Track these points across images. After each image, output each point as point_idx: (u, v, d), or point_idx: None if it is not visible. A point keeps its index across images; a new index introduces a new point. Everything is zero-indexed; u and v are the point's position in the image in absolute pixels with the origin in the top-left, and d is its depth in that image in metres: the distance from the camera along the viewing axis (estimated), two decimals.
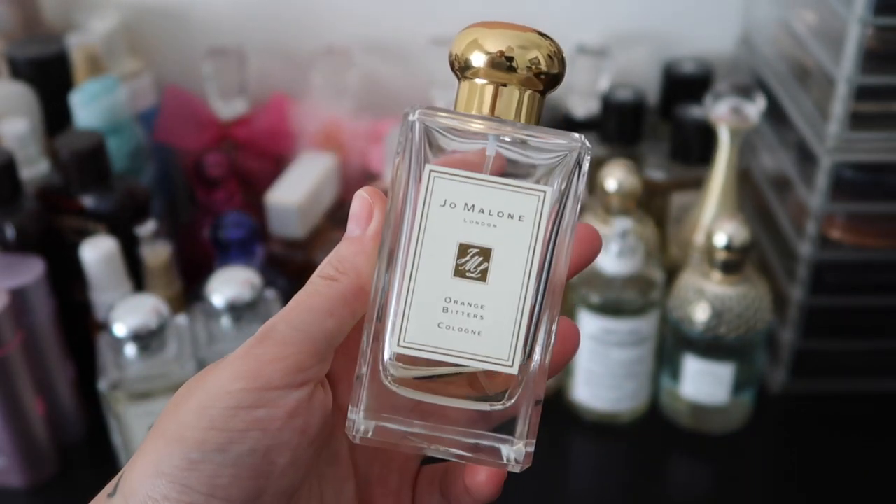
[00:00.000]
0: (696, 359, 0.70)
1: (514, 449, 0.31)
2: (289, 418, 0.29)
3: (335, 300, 0.30)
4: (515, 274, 0.30)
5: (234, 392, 0.28)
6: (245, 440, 0.28)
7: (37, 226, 0.69)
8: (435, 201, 0.29)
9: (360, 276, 0.30)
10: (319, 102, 0.84)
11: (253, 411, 0.28)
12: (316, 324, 0.30)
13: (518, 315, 0.30)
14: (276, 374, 0.28)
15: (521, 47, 0.30)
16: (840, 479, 0.70)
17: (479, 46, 0.30)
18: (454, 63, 0.31)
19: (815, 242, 0.71)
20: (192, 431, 0.28)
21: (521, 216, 0.30)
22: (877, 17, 0.63)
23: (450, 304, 0.30)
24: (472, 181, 0.29)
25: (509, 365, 0.30)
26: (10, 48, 0.80)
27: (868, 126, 0.67)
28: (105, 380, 0.61)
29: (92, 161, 0.70)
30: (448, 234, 0.29)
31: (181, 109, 0.83)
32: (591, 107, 0.85)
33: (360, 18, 0.89)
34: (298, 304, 0.30)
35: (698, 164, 0.79)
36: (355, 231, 0.31)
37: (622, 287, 0.69)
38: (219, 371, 0.29)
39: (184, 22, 0.89)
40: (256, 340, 0.29)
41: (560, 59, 0.30)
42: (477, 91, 0.30)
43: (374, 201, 0.31)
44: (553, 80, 0.30)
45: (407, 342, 0.30)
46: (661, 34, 0.89)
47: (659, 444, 0.73)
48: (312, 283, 0.31)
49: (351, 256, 0.31)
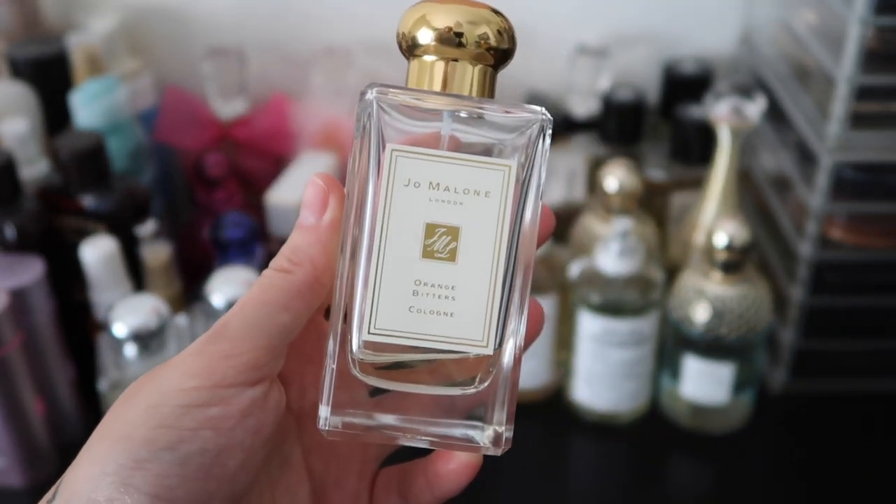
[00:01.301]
0: (696, 359, 0.70)
1: (485, 434, 0.30)
2: (242, 417, 0.28)
3: (290, 293, 0.29)
4: (485, 252, 0.29)
5: (186, 390, 0.27)
6: (196, 439, 0.27)
7: (37, 226, 0.69)
8: (398, 181, 0.28)
9: (316, 268, 0.29)
10: (319, 102, 0.84)
11: (205, 409, 0.27)
12: (270, 318, 0.28)
13: (490, 294, 0.29)
14: (229, 372, 0.27)
15: (470, 23, 0.29)
16: (840, 479, 0.70)
17: (426, 23, 0.29)
18: (402, 42, 0.30)
19: (815, 242, 0.71)
20: (141, 430, 0.26)
21: (487, 192, 0.29)
22: (877, 17, 0.63)
23: (419, 286, 0.29)
24: (435, 159, 0.28)
25: (484, 345, 0.29)
26: (10, 48, 0.80)
27: (868, 126, 0.67)
28: (105, 380, 0.61)
29: (92, 161, 0.70)
30: (414, 215, 0.28)
31: (181, 109, 0.83)
32: (591, 107, 0.85)
33: (360, 18, 0.89)
34: (252, 299, 0.29)
35: (698, 164, 0.79)
36: (310, 219, 0.30)
37: (622, 287, 0.69)
38: (170, 369, 0.28)
39: (184, 22, 0.89)
40: (209, 337, 0.28)
41: (510, 35, 0.30)
42: (427, 68, 0.30)
43: (330, 189, 0.30)
44: (503, 55, 0.30)
45: (377, 329, 0.29)
46: (661, 34, 0.89)
47: (659, 444, 0.73)
48: (266, 275, 0.30)
49: (306, 247, 0.29)
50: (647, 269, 0.70)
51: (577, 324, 0.70)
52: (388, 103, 0.29)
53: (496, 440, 0.30)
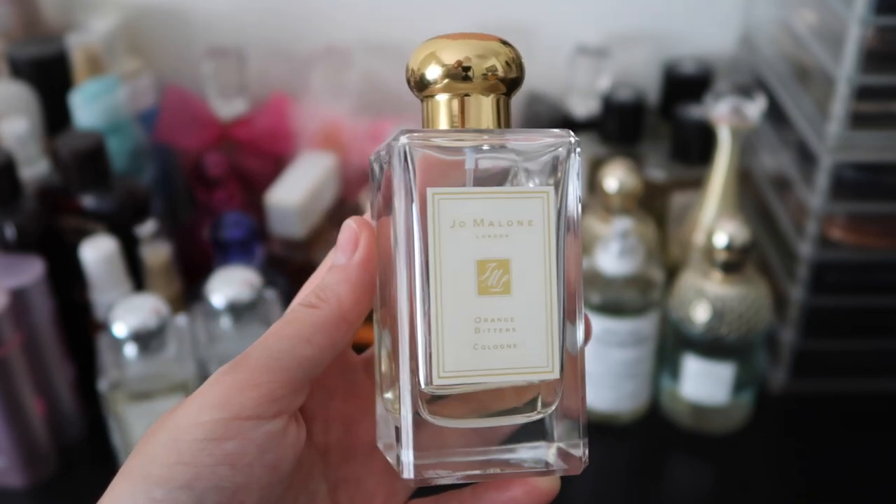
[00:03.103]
0: (696, 359, 0.70)
1: (550, 452, 0.31)
2: (260, 453, 0.27)
3: (314, 327, 0.29)
4: (537, 278, 0.29)
5: (203, 423, 0.27)
6: (212, 477, 0.26)
7: (37, 226, 0.69)
8: (444, 224, 0.28)
9: (342, 305, 0.29)
10: (319, 102, 0.84)
11: (223, 444, 0.27)
12: (292, 351, 0.28)
13: (548, 318, 0.29)
14: (247, 403, 0.27)
15: (479, 56, 0.30)
16: (840, 478, 0.70)
17: (435, 59, 0.30)
18: (410, 79, 0.31)
19: (815, 242, 0.71)
20: (159, 468, 0.26)
21: (530, 221, 0.29)
22: (877, 17, 0.63)
23: (480, 323, 0.29)
24: (475, 196, 0.29)
25: (550, 371, 0.30)
26: (10, 48, 0.80)
27: (868, 126, 0.67)
28: (105, 380, 0.61)
29: (92, 161, 0.70)
30: (464, 254, 0.29)
31: (181, 109, 0.83)
32: (591, 107, 0.85)
33: (360, 18, 0.89)
34: (276, 332, 0.29)
35: (698, 164, 0.79)
36: (341, 260, 0.30)
37: (622, 287, 0.69)
38: (188, 403, 0.28)
39: (184, 22, 0.89)
40: (229, 367, 0.28)
41: (518, 63, 0.30)
42: (441, 107, 0.30)
43: (361, 230, 0.30)
44: (513, 84, 0.30)
45: (446, 373, 0.29)
46: (661, 34, 0.89)
47: (659, 444, 0.73)
48: (292, 310, 0.30)
49: (333, 284, 0.30)
50: (646, 269, 0.70)
51: None
52: (417, 146, 0.29)
53: (570, 458, 0.31)
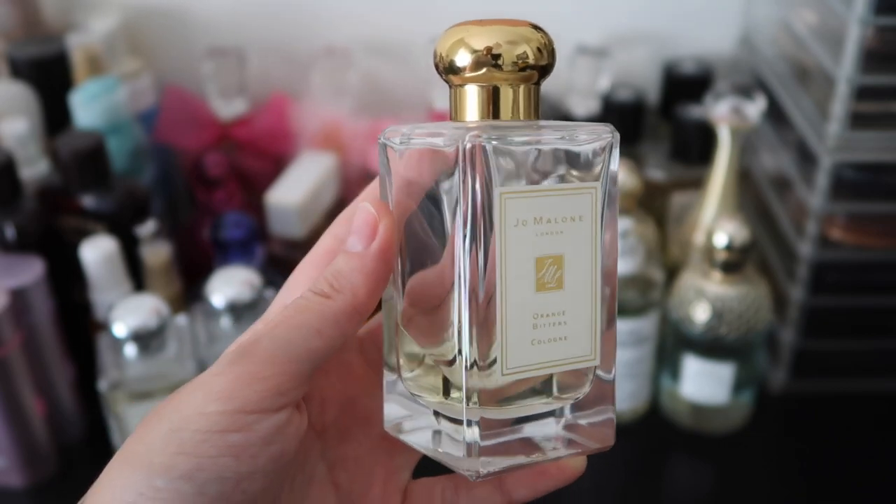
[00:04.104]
0: (696, 359, 0.70)
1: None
2: (264, 445, 0.27)
3: (326, 319, 0.28)
4: (585, 272, 0.30)
5: (207, 414, 0.26)
6: (215, 467, 0.26)
7: (37, 226, 0.69)
8: (509, 223, 0.28)
9: (356, 297, 0.28)
10: (319, 102, 0.84)
11: (227, 436, 0.26)
12: (302, 343, 0.28)
13: (592, 309, 0.30)
14: (253, 396, 0.26)
15: (510, 42, 0.29)
16: (840, 479, 0.70)
17: (465, 45, 0.29)
18: (439, 64, 0.30)
19: (815, 242, 0.71)
20: (160, 456, 0.26)
21: (581, 216, 0.30)
22: (877, 17, 0.63)
23: (538, 319, 0.29)
24: (537, 194, 0.29)
25: (593, 358, 0.31)
26: (10, 48, 0.80)
27: (868, 126, 0.67)
28: (105, 380, 0.61)
29: (92, 161, 0.70)
30: (526, 253, 0.29)
31: (181, 109, 0.83)
32: (591, 107, 0.85)
33: (360, 18, 0.89)
34: (286, 320, 0.28)
35: (698, 164, 0.79)
36: (356, 246, 0.29)
37: (622, 287, 0.69)
38: (193, 390, 0.27)
39: (184, 22, 0.89)
40: (236, 355, 0.27)
41: (550, 49, 0.30)
42: (473, 96, 0.30)
43: (380, 216, 0.29)
44: (543, 71, 0.30)
45: (508, 370, 0.29)
46: (661, 34, 0.89)
47: (659, 444, 0.73)
48: (305, 297, 0.29)
49: (349, 273, 0.29)
50: (646, 269, 0.70)
51: None
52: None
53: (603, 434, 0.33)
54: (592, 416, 0.32)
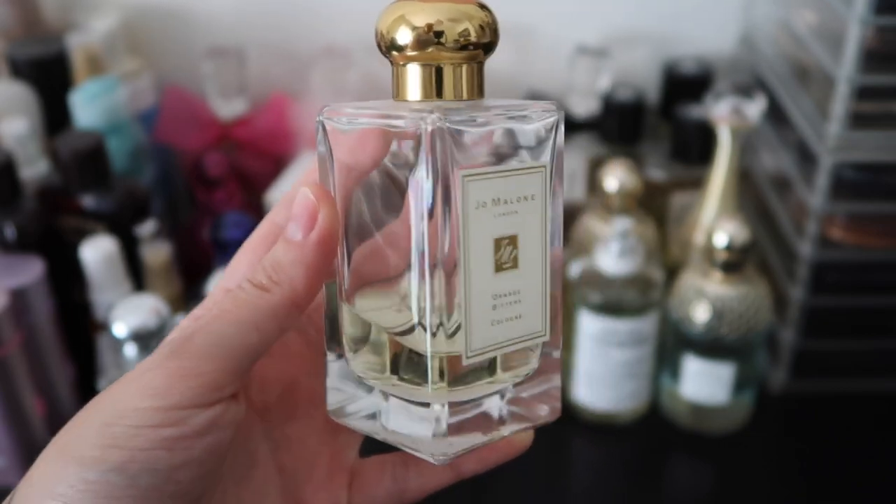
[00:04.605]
0: (696, 359, 0.70)
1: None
2: (198, 437, 0.26)
3: (264, 313, 0.27)
4: (537, 250, 0.30)
5: (140, 409, 0.26)
6: (147, 459, 0.25)
7: (37, 226, 0.69)
8: (470, 206, 0.28)
9: (295, 290, 0.28)
10: (319, 102, 0.84)
11: (159, 430, 0.26)
12: (238, 338, 0.27)
13: (543, 286, 0.30)
14: (187, 393, 0.26)
15: (451, 20, 0.28)
16: (840, 479, 0.70)
17: (405, 21, 0.28)
18: (380, 42, 0.29)
19: (815, 242, 0.71)
20: (91, 449, 0.25)
21: (532, 196, 0.29)
22: (877, 17, 0.63)
23: (497, 300, 0.29)
24: (495, 175, 0.28)
25: (544, 334, 0.30)
26: (10, 48, 0.80)
27: (868, 126, 0.67)
28: (105, 380, 0.61)
29: (92, 161, 0.70)
30: (485, 234, 0.28)
31: (181, 109, 0.83)
32: (591, 107, 0.85)
33: (360, 18, 0.88)
34: (223, 314, 0.27)
35: (698, 164, 0.79)
36: (296, 234, 0.28)
37: (622, 287, 0.69)
38: (127, 383, 0.26)
39: (184, 22, 0.89)
40: (170, 351, 0.27)
41: (493, 28, 0.29)
42: (415, 75, 0.29)
43: (320, 203, 0.28)
44: (486, 48, 0.29)
45: (472, 352, 0.29)
46: (661, 34, 0.89)
47: (659, 444, 0.73)
48: (243, 289, 0.28)
49: (288, 265, 0.28)
50: (646, 269, 0.70)
51: (577, 324, 0.70)
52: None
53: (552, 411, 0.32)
54: (536, 388, 0.32)
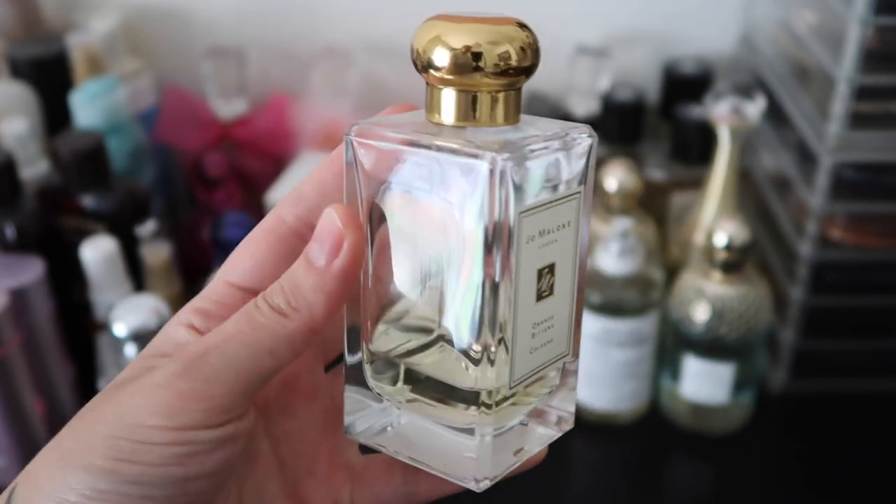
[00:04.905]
0: (696, 359, 0.70)
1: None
2: (208, 454, 0.26)
3: (280, 339, 0.27)
4: (569, 275, 0.29)
5: (147, 427, 0.25)
6: (160, 473, 0.26)
7: (37, 226, 0.69)
8: (523, 241, 0.27)
9: (314, 317, 0.27)
10: (319, 102, 0.84)
11: (169, 448, 0.26)
12: (252, 362, 0.26)
13: (571, 308, 0.30)
14: (197, 416, 0.26)
15: (490, 42, 0.27)
16: (840, 479, 0.70)
17: (442, 42, 0.27)
18: (416, 61, 0.28)
19: (815, 242, 0.71)
20: (100, 460, 0.25)
21: (568, 222, 0.29)
22: (877, 17, 0.63)
23: (536, 328, 0.29)
24: (543, 208, 0.28)
25: (568, 354, 0.31)
26: (10, 48, 0.80)
27: (868, 126, 0.67)
28: (105, 380, 0.61)
29: (92, 161, 0.70)
30: (531, 266, 0.28)
31: (181, 109, 0.83)
32: (591, 107, 0.85)
33: (360, 18, 0.89)
34: (238, 334, 0.26)
35: (698, 164, 0.79)
36: (319, 259, 0.27)
37: (622, 287, 0.69)
38: (132, 396, 0.26)
39: (184, 22, 0.89)
40: (183, 369, 0.26)
41: (534, 49, 0.28)
42: (451, 99, 0.28)
43: (347, 230, 0.27)
44: (526, 72, 0.28)
45: (514, 382, 0.29)
46: (661, 34, 0.89)
47: (659, 444, 0.73)
48: (259, 310, 0.27)
49: (308, 291, 0.27)
50: (646, 269, 0.70)
51: None
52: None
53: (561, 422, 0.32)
54: (553, 400, 0.32)
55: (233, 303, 0.29)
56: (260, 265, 0.30)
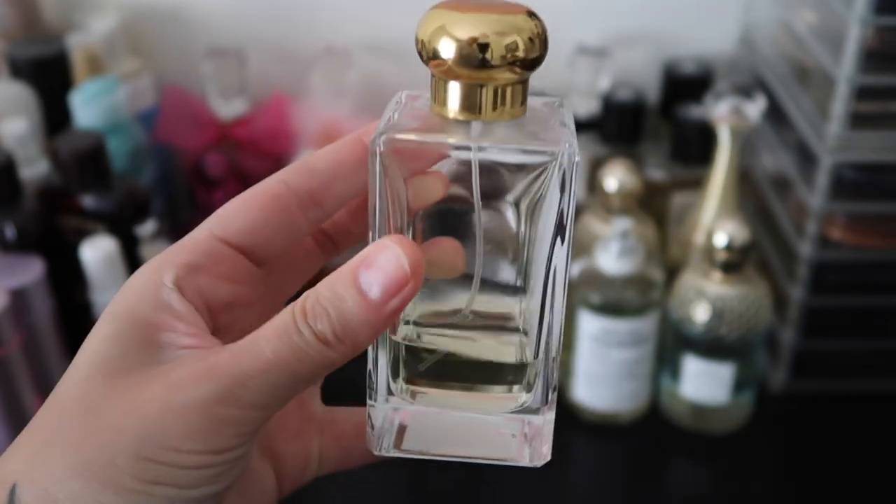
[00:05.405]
0: (696, 359, 0.70)
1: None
2: (235, 466, 0.26)
3: (322, 368, 0.26)
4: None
5: (182, 452, 0.25)
6: (195, 495, 0.25)
7: (37, 226, 0.69)
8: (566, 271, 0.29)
9: (357, 348, 0.26)
10: (319, 102, 0.84)
11: (204, 470, 0.25)
12: (291, 390, 0.26)
13: None
14: (231, 441, 0.25)
15: (498, 33, 0.26)
16: (840, 479, 0.70)
17: (447, 33, 0.26)
18: (421, 51, 0.27)
19: (815, 242, 0.71)
20: (133, 483, 0.25)
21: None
22: (877, 17, 0.63)
23: None
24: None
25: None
26: (10, 48, 0.80)
27: (868, 126, 0.67)
28: None
29: (92, 161, 0.70)
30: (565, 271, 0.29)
31: (181, 109, 0.83)
32: (591, 107, 0.85)
33: (360, 18, 0.89)
34: (280, 363, 0.25)
35: (698, 164, 0.79)
36: (375, 293, 0.25)
37: (622, 287, 0.69)
38: (162, 408, 0.25)
39: (184, 22, 0.89)
40: (220, 395, 0.25)
41: (542, 39, 0.27)
42: (459, 91, 0.27)
43: (412, 277, 0.25)
44: (533, 64, 0.27)
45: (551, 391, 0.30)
46: (661, 34, 0.89)
47: (659, 444, 0.73)
48: (302, 336, 0.25)
49: (356, 325, 0.25)
50: (646, 269, 0.70)
51: (577, 324, 0.70)
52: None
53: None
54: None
55: (220, 258, 0.28)
56: (257, 229, 0.29)
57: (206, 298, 0.28)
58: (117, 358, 0.26)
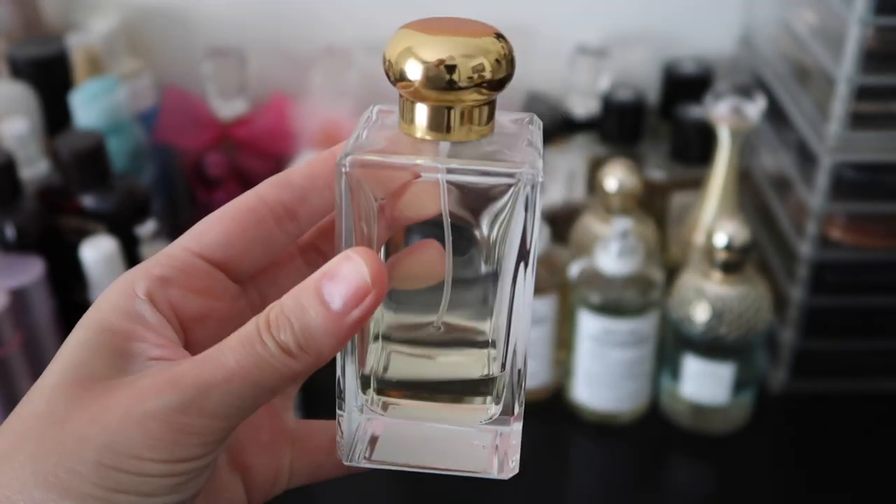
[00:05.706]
0: (696, 359, 0.70)
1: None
2: (199, 476, 0.26)
3: (285, 379, 0.26)
4: None
5: (143, 460, 0.25)
6: (153, 500, 0.25)
7: (37, 226, 0.69)
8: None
9: (320, 359, 0.26)
10: (319, 102, 0.84)
11: (166, 479, 0.25)
12: (254, 400, 0.26)
13: None
14: (196, 449, 0.25)
15: (465, 56, 0.26)
16: (840, 479, 0.70)
17: (414, 55, 0.26)
18: (388, 71, 0.27)
19: (815, 242, 0.71)
20: (94, 490, 0.25)
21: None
22: (877, 17, 0.63)
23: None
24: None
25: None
26: (10, 48, 0.80)
27: (868, 126, 0.67)
28: None
29: (92, 161, 0.70)
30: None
31: (181, 109, 0.83)
32: (591, 107, 0.85)
33: (360, 18, 0.89)
34: (242, 372, 0.25)
35: (698, 164, 0.79)
36: (337, 304, 0.25)
37: (622, 287, 0.69)
38: (123, 419, 0.25)
39: (184, 22, 0.89)
40: (183, 405, 0.25)
41: (509, 60, 0.27)
42: (425, 113, 0.27)
43: (374, 287, 0.26)
44: (500, 84, 0.27)
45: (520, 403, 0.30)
46: (661, 34, 0.89)
47: (659, 444, 0.73)
48: (266, 347, 0.25)
49: (320, 336, 0.26)
50: (646, 269, 0.70)
51: (577, 324, 0.70)
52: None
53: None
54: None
55: (194, 272, 0.29)
56: (231, 242, 0.29)
57: (178, 311, 0.28)
58: (86, 366, 0.26)
